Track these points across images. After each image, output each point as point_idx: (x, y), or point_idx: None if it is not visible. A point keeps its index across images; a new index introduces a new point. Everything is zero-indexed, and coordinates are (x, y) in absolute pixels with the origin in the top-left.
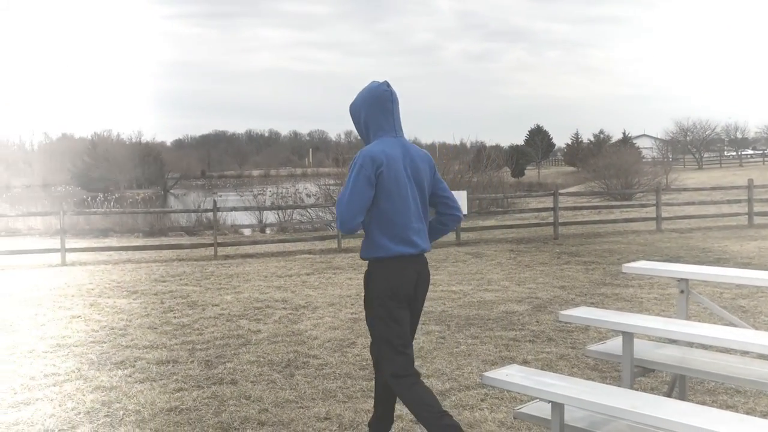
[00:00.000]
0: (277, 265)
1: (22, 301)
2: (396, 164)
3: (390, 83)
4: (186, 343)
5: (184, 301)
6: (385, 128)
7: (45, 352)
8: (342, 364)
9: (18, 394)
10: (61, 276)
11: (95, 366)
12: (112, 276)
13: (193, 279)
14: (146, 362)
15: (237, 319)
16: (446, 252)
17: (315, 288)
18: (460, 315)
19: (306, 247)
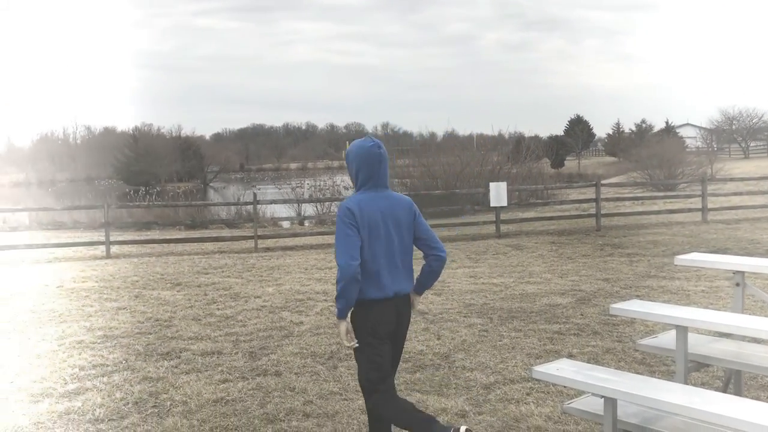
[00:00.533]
0: (317, 257)
1: (69, 292)
2: (371, 216)
3: (381, 144)
4: (230, 335)
5: (227, 293)
6: (369, 183)
7: (93, 342)
8: None
9: (68, 384)
10: (107, 268)
11: (142, 357)
12: (156, 268)
13: (235, 271)
14: (191, 353)
15: (279, 311)
16: (486, 244)
17: None
18: (502, 307)
19: None
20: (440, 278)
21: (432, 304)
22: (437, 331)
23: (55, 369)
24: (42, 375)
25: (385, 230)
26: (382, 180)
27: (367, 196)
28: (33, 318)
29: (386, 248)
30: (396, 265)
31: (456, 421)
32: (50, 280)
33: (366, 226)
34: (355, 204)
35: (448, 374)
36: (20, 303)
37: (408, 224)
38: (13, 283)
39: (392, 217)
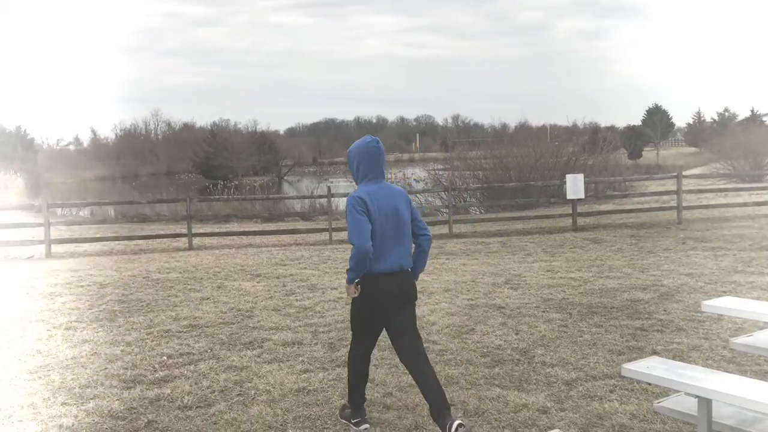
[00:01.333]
0: None
1: (155, 283)
2: (378, 204)
3: (379, 140)
4: (309, 326)
5: (305, 285)
6: (370, 175)
7: (179, 331)
8: (462, 350)
9: (158, 372)
10: (189, 259)
11: (226, 346)
12: (236, 260)
13: (311, 263)
14: (273, 343)
15: None
16: (563, 238)
17: (429, 273)
18: (582, 303)
19: None
20: (517, 272)
21: (509, 299)
22: (515, 326)
23: (145, 357)
24: (133, 362)
25: (390, 216)
26: (380, 172)
27: (371, 188)
28: (122, 308)
29: (390, 231)
30: (399, 244)
31: (538, 417)
32: (137, 270)
33: (375, 213)
34: (365, 194)
35: (528, 370)
36: (110, 292)
37: (405, 210)
38: (101, 274)
39: (393, 205)
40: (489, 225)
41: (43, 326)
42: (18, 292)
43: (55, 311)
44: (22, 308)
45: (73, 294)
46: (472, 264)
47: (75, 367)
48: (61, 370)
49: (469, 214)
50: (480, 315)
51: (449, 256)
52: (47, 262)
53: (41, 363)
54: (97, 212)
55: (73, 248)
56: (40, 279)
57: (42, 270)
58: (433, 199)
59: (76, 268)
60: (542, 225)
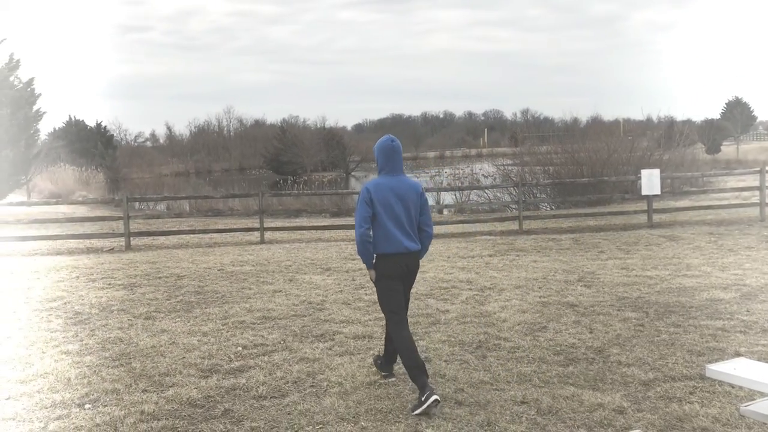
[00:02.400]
0: (458, 245)
1: (229, 275)
2: (386, 193)
3: (396, 138)
4: (378, 320)
5: None
6: (386, 169)
7: (253, 323)
8: (534, 348)
9: (233, 362)
10: (261, 253)
11: (298, 338)
12: (306, 253)
13: None
14: (344, 336)
15: (425, 298)
16: (637, 235)
17: (499, 270)
18: (659, 302)
19: (485, 228)
20: (590, 269)
21: (582, 297)
22: (589, 324)
23: (221, 347)
24: (209, 352)
25: (396, 204)
26: (397, 166)
27: (384, 179)
28: (199, 299)
29: (395, 218)
30: (405, 230)
31: (614, 417)
32: (211, 263)
33: (380, 202)
34: (373, 185)
35: (603, 369)
36: (186, 284)
37: (415, 202)
38: (178, 266)
39: (402, 196)
40: (560, 221)
41: (124, 316)
42: (100, 282)
43: (135, 301)
44: (104, 298)
45: (152, 285)
46: (544, 261)
47: (154, 355)
48: (141, 358)
49: (539, 210)
50: (552, 313)
51: (519, 252)
52: (127, 254)
53: (123, 351)
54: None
55: (151, 241)
56: (120, 270)
57: (122, 261)
58: (502, 195)
59: (154, 260)
60: (616, 221)
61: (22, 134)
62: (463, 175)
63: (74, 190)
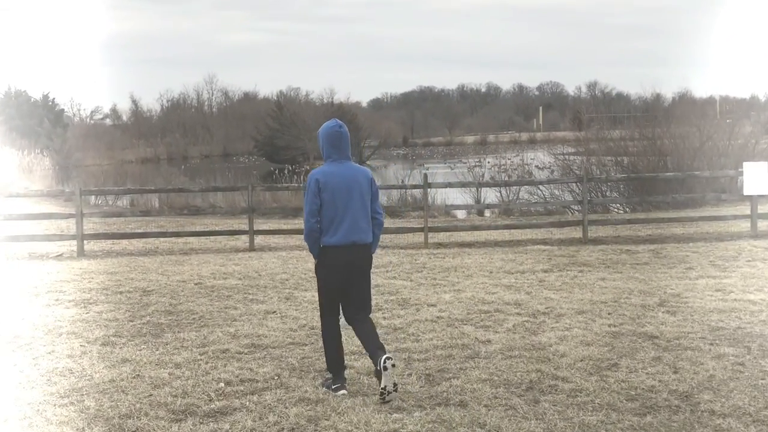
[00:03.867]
0: (504, 257)
1: (209, 290)
2: (334, 182)
3: (343, 124)
4: (400, 351)
5: (394, 299)
6: (333, 155)
7: (239, 353)
8: (601, 391)
9: (214, 402)
10: (251, 263)
11: (297, 373)
12: (308, 264)
13: (402, 271)
14: (355, 371)
15: (460, 324)
16: (737, 247)
17: (557, 289)
18: (764, 334)
19: (539, 235)
20: (674, 291)
21: (664, 326)
22: (673, 362)
23: (198, 382)
24: (183, 388)
25: (346, 193)
26: (344, 152)
27: (331, 167)
28: (170, 320)
29: (341, 208)
30: (355, 221)
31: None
32: (187, 275)
33: (329, 191)
34: (320, 174)
35: (691, 420)
36: (154, 301)
37: (366, 189)
38: (144, 278)
39: (352, 183)
40: (636, 228)
41: (75, 340)
42: (45, 297)
43: (90, 322)
44: (50, 318)
45: (111, 302)
46: (614, 279)
47: (114, 391)
48: (97, 394)
49: (609, 212)
50: (625, 346)
51: (583, 267)
52: (79, 262)
53: (73, 385)
54: (139, 202)
55: (110, 245)
56: (70, 282)
57: (73, 271)
58: (561, 193)
59: (113, 270)
60: (709, 229)
61: None
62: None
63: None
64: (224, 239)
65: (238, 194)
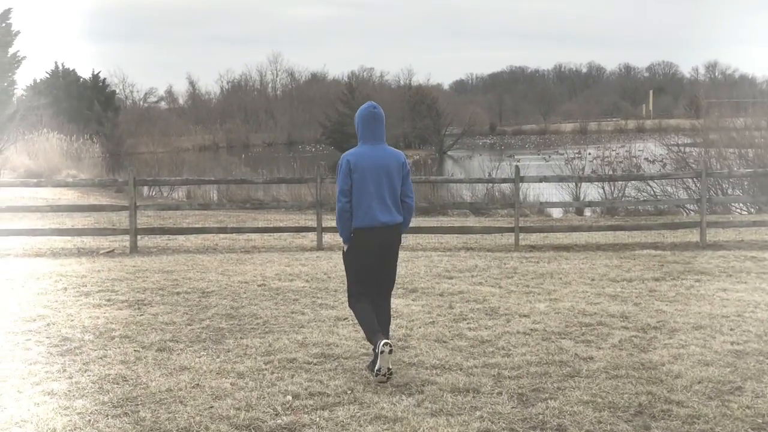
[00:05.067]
0: (608, 263)
1: (273, 293)
2: (364, 163)
3: (378, 106)
4: (489, 367)
5: (481, 307)
6: (365, 137)
7: (308, 363)
8: (722, 418)
9: (281, 417)
10: (319, 263)
11: (372, 387)
12: None
13: (490, 277)
14: (438, 388)
15: (557, 338)
16: None
17: (670, 301)
18: None
19: (650, 238)
20: None
21: None
22: None
23: (263, 394)
24: (247, 400)
25: (376, 176)
26: (378, 135)
27: (364, 149)
28: (232, 325)
29: (372, 190)
30: (386, 203)
31: None
32: (249, 275)
33: (360, 171)
34: (352, 155)
35: None
36: (214, 303)
37: (397, 173)
38: (203, 278)
39: (383, 166)
40: (763, 231)
41: (128, 345)
42: (95, 297)
43: (144, 325)
44: (101, 320)
45: (167, 303)
46: (737, 290)
47: (171, 402)
48: (153, 405)
49: (731, 213)
50: (750, 367)
51: (700, 276)
52: (132, 259)
53: (127, 394)
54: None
55: (165, 241)
56: (123, 281)
57: (126, 269)
58: (674, 190)
59: (169, 269)
60: None
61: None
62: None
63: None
64: (290, 237)
65: (304, 187)
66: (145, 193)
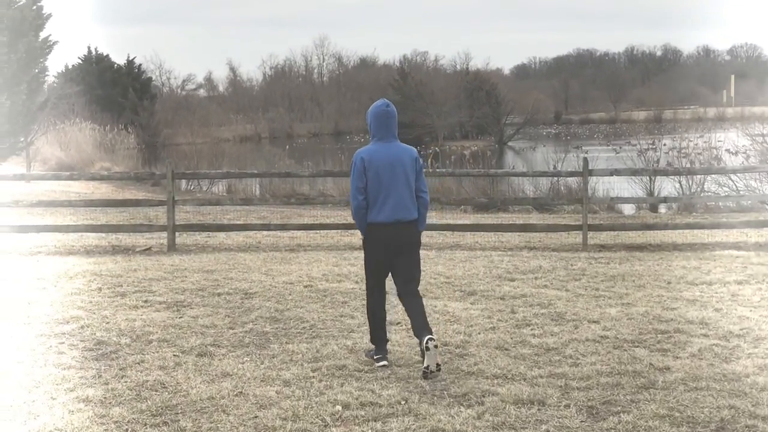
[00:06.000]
0: (685, 264)
1: (321, 294)
2: (377, 160)
3: (390, 104)
4: (555, 377)
5: (546, 312)
6: (378, 135)
7: (358, 370)
8: None
9: (330, 428)
10: None
11: (428, 397)
12: (437, 266)
13: (555, 279)
14: (499, 399)
15: (630, 346)
16: None
17: (754, 306)
18: None
19: (731, 237)
20: None
21: None
22: None
23: (310, 403)
24: (294, 410)
25: (390, 172)
26: (391, 132)
27: (377, 146)
28: (276, 329)
29: (387, 186)
30: (400, 199)
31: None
32: (294, 276)
33: (374, 169)
34: (366, 152)
35: None
36: (258, 305)
37: (411, 169)
38: (245, 278)
39: (397, 163)
40: None
41: (167, 349)
42: (132, 298)
43: (184, 329)
44: (138, 322)
45: (208, 305)
46: None
47: (213, 411)
48: (193, 414)
49: None
50: None
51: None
52: (170, 257)
53: (166, 402)
54: (237, 188)
55: (205, 239)
56: (161, 281)
57: (164, 268)
58: (759, 185)
59: (209, 268)
60: None
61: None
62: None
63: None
64: (337, 234)
65: None
66: (183, 187)
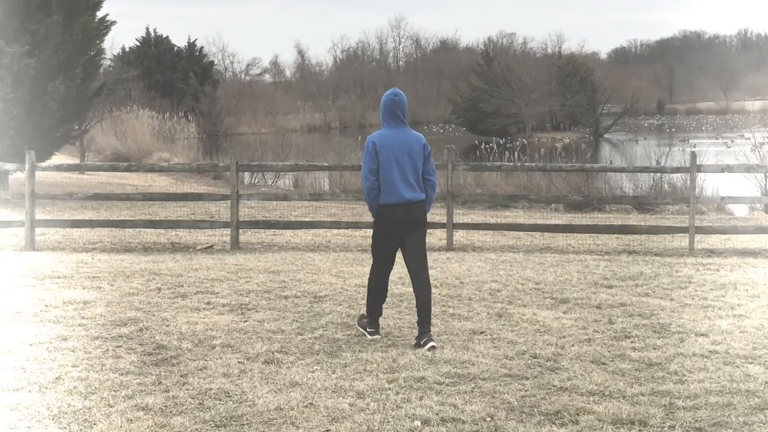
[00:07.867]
0: None
1: (397, 299)
2: (388, 145)
3: (399, 92)
4: (658, 395)
5: (647, 323)
6: (389, 122)
7: (439, 383)
8: None
9: None
10: (450, 266)
11: (516, 414)
12: (524, 270)
13: (658, 286)
14: (596, 418)
15: (743, 362)
16: None
17: None
18: None
19: None
20: None
21: None
22: None
23: (386, 417)
24: (368, 424)
25: (400, 156)
26: (400, 119)
27: (387, 132)
28: (348, 336)
29: (397, 169)
30: (408, 181)
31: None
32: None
33: (384, 153)
34: (377, 137)
35: None
36: (328, 310)
37: (419, 154)
38: (314, 279)
39: (406, 148)
40: None
41: (231, 355)
42: (193, 300)
43: (249, 333)
44: (200, 326)
45: (274, 309)
46: None
47: (281, 422)
48: (260, 425)
49: None
50: None
51: None
52: (234, 256)
53: (231, 412)
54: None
55: (271, 237)
56: (224, 282)
57: (227, 267)
58: None
59: (276, 268)
60: None
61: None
62: None
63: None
64: None
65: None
66: (247, 180)
